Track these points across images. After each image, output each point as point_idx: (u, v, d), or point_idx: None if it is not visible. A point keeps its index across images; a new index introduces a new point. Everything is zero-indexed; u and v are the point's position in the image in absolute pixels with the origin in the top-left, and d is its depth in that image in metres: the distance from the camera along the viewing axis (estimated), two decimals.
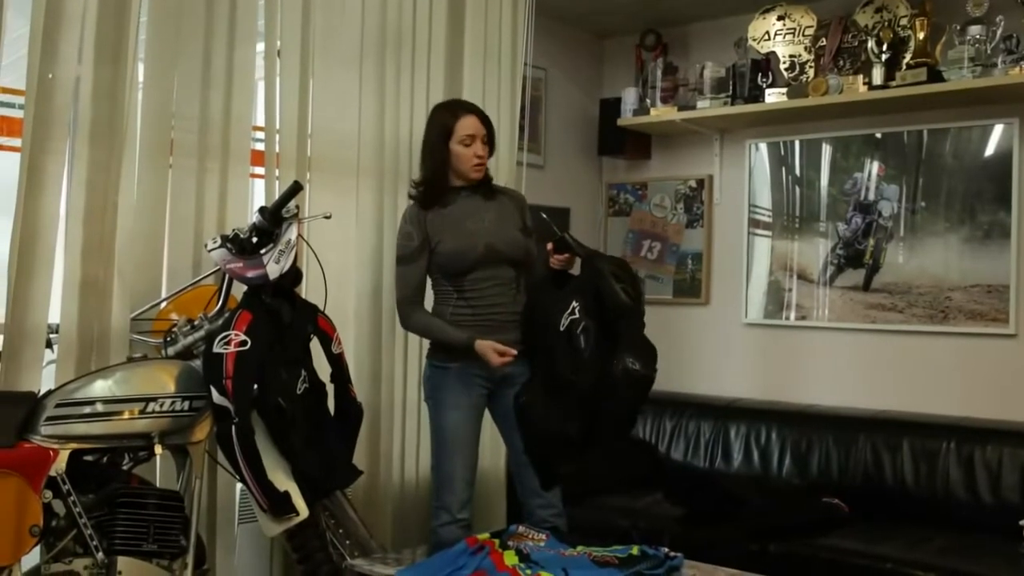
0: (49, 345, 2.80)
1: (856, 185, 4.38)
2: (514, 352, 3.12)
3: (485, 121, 3.27)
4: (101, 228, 2.89)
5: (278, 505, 2.73)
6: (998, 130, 4.04)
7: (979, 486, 3.73)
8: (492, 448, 3.84)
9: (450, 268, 3.20)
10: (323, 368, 3.02)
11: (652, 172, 5.05)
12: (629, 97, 4.80)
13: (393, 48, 3.71)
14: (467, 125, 3.21)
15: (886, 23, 4.13)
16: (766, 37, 4.44)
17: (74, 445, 2.51)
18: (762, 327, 4.67)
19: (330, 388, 3.03)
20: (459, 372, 3.20)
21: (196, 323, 2.84)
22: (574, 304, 3.04)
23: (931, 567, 3.27)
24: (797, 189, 4.56)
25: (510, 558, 2.71)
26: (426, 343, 3.47)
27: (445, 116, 3.26)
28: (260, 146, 3.40)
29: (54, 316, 2.82)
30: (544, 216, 3.25)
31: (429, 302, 3.31)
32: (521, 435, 3.17)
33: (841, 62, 4.30)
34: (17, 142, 2.78)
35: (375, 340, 3.67)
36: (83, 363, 2.83)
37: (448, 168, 3.24)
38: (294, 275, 2.92)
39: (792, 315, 4.57)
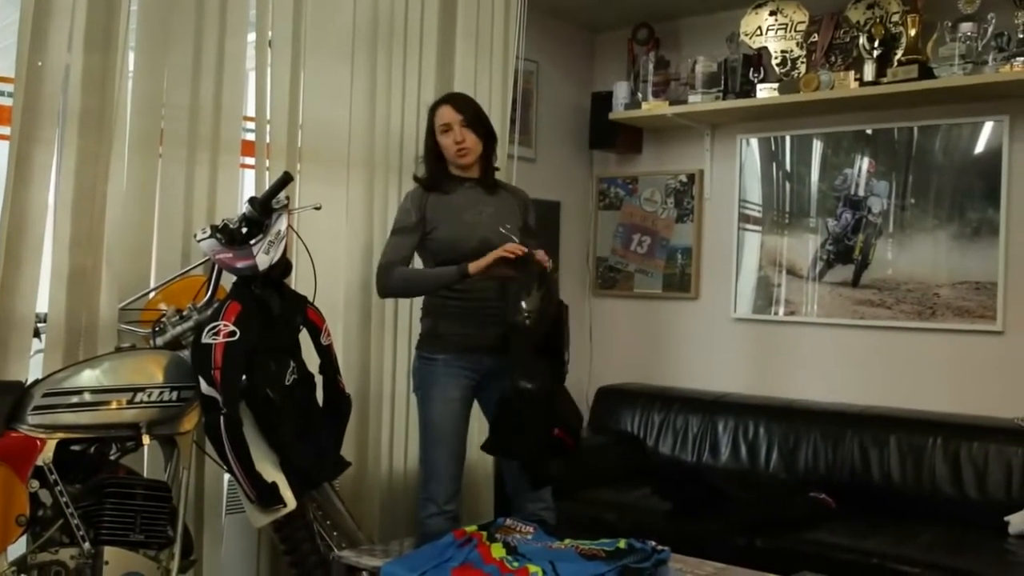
0: (37, 334, 2.79)
1: (846, 181, 4.39)
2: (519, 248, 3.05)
3: (461, 108, 3.27)
4: (90, 217, 2.87)
5: (266, 496, 2.73)
6: (988, 127, 4.05)
7: (965, 482, 3.75)
8: (480, 440, 3.83)
9: (443, 257, 3.20)
10: (312, 359, 3.01)
11: (643, 166, 5.05)
12: (621, 91, 4.80)
13: (385, 40, 3.70)
14: (440, 115, 3.27)
15: (878, 19, 4.13)
16: (758, 32, 4.44)
17: (61, 435, 2.50)
18: (751, 322, 4.68)
19: (319, 380, 3.02)
20: (447, 364, 3.21)
21: (185, 313, 2.82)
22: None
23: (917, 562, 3.28)
24: (787, 184, 4.57)
25: (497, 551, 2.71)
26: (415, 335, 3.46)
27: (429, 112, 3.33)
28: (250, 136, 3.39)
29: (42, 305, 2.81)
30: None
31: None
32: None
33: (833, 58, 4.31)
34: (6, 130, 2.77)
35: (364, 332, 3.66)
36: (71, 353, 2.82)
37: (443, 159, 3.29)
38: (283, 266, 2.92)
39: (781, 310, 4.58)
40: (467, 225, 3.21)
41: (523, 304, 3.00)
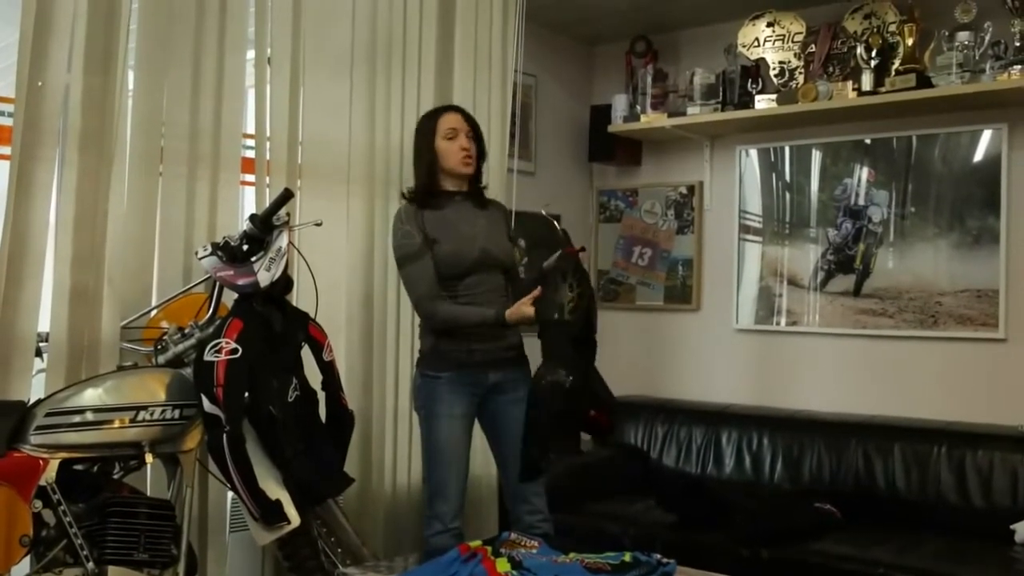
0: (39, 354, 2.79)
1: (846, 191, 4.39)
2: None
3: (468, 119, 3.31)
4: (91, 236, 2.87)
5: (269, 513, 2.72)
6: (987, 135, 4.06)
7: (970, 490, 3.74)
8: (483, 455, 3.83)
9: (447, 271, 3.19)
10: (314, 376, 3.01)
11: (642, 178, 5.05)
12: (619, 104, 4.81)
13: (383, 55, 3.71)
14: (447, 120, 3.26)
15: (875, 29, 4.14)
16: (756, 43, 4.45)
17: (64, 454, 2.50)
18: (753, 333, 4.67)
19: (321, 396, 3.02)
20: (450, 382, 3.20)
21: (187, 331, 2.82)
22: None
23: (922, 571, 3.27)
24: (787, 195, 4.58)
25: (502, 565, 2.69)
26: (417, 350, 3.45)
27: (428, 119, 3.33)
28: (250, 154, 3.40)
29: (44, 325, 2.81)
30: (544, 213, 3.30)
31: None
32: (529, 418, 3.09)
33: (830, 68, 4.32)
34: (6, 150, 2.77)
35: (366, 348, 3.66)
36: (73, 372, 2.81)
37: (437, 168, 3.26)
38: (285, 283, 2.92)
39: (783, 321, 4.58)
40: (466, 237, 3.21)
41: (564, 302, 2.97)
